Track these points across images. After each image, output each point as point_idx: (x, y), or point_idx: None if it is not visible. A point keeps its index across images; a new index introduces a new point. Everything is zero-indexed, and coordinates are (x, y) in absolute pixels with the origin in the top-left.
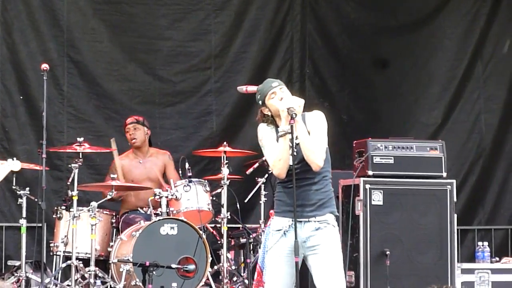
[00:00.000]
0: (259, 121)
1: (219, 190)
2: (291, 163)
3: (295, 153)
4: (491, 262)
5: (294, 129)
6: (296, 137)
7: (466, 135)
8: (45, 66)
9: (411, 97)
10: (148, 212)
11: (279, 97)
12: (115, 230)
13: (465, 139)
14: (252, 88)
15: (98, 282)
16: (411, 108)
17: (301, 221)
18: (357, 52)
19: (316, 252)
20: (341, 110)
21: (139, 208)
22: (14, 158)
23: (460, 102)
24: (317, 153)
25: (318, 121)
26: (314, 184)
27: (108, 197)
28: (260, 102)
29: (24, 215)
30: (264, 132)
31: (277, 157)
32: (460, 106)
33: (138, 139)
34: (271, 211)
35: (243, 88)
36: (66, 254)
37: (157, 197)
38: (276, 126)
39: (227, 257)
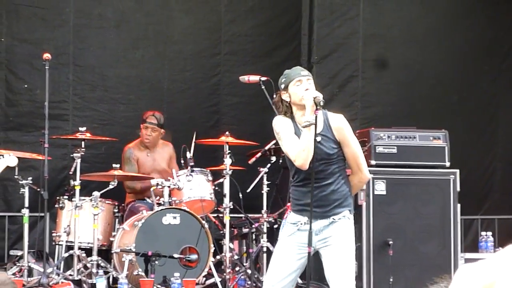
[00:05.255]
0: (276, 105)
1: (221, 180)
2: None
3: (319, 139)
4: (495, 252)
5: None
6: (317, 136)
7: (475, 124)
8: (47, 55)
9: (426, 83)
10: (151, 202)
11: (305, 87)
12: (117, 219)
13: (473, 128)
14: (254, 78)
15: (101, 271)
16: (424, 96)
17: (316, 218)
18: (369, 37)
19: (328, 244)
20: (352, 97)
21: (146, 198)
22: (11, 154)
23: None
24: (363, 165)
25: (348, 130)
26: (330, 185)
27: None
28: (283, 86)
29: (26, 204)
30: (282, 124)
31: (301, 148)
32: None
33: (152, 141)
34: (288, 205)
35: (245, 78)
36: (68, 243)
37: (160, 186)
38: (292, 117)
39: (229, 247)
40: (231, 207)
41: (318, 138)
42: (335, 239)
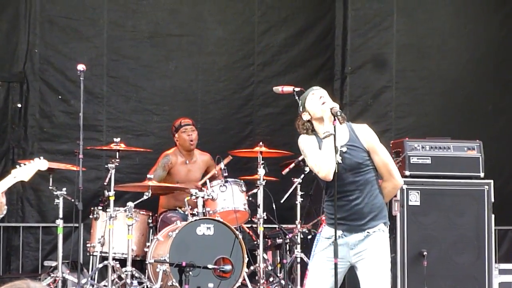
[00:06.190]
0: (298, 127)
1: (255, 190)
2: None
3: (345, 150)
4: None
5: (336, 129)
6: (342, 146)
7: (509, 134)
8: (81, 66)
9: (461, 93)
10: (186, 212)
11: (319, 96)
12: (151, 230)
13: (507, 138)
14: (288, 89)
15: (135, 282)
16: (458, 106)
17: (351, 232)
18: (403, 47)
19: (363, 257)
20: (386, 107)
21: (177, 208)
22: (41, 157)
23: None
24: (395, 170)
25: (375, 138)
26: (364, 197)
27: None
28: (301, 108)
29: (60, 215)
30: (306, 141)
31: (321, 159)
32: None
33: (195, 141)
34: (323, 218)
35: (279, 89)
36: (102, 254)
37: (194, 197)
38: (316, 134)
39: (263, 257)
40: (265, 217)
41: (344, 149)
42: (369, 252)
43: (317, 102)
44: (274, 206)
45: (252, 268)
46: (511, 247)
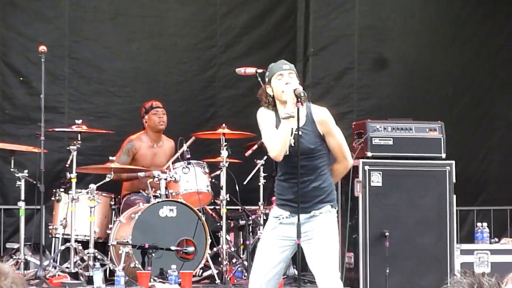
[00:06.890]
0: (260, 97)
1: (218, 172)
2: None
3: (300, 133)
4: (490, 243)
5: (299, 113)
6: (298, 129)
7: (470, 115)
8: (42, 48)
9: (422, 75)
10: (149, 195)
11: (285, 81)
12: (114, 212)
13: (468, 120)
14: (250, 70)
15: (97, 264)
16: (420, 88)
17: (297, 213)
18: (365, 29)
19: (309, 237)
20: (348, 89)
21: (141, 190)
22: None
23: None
24: (348, 152)
25: (331, 123)
26: (312, 181)
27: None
28: (267, 79)
29: (22, 197)
30: (264, 115)
31: (276, 139)
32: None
33: (165, 123)
34: (273, 199)
35: (241, 70)
36: (65, 236)
37: (156, 179)
38: (276, 110)
39: (226, 239)
40: (228, 199)
41: (299, 132)
42: (316, 233)
43: (283, 87)
44: (237, 187)
45: (215, 249)
46: (473, 227)
